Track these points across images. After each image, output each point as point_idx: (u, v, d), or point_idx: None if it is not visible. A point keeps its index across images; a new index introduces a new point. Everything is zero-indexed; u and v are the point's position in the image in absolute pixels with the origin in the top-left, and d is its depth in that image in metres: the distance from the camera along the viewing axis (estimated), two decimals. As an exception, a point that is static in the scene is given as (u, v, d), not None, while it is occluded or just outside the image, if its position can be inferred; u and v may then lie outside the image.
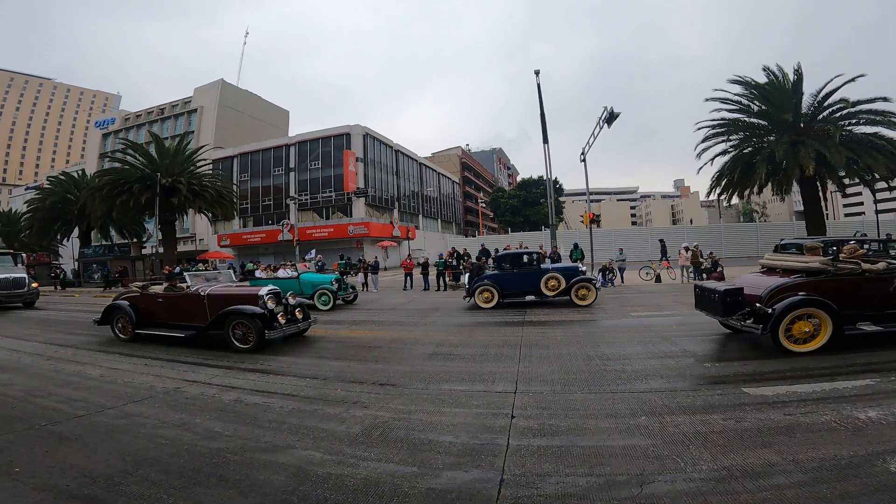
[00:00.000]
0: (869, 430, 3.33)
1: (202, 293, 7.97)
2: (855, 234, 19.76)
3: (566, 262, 15.34)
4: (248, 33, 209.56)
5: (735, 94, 21.75)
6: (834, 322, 5.58)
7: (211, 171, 36.02)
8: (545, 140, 21.25)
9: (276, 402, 4.71)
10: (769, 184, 21.72)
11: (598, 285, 12.34)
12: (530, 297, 12.41)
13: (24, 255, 25.32)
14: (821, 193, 21.92)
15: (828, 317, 5.59)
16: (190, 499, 2.81)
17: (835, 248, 7.19)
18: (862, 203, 64.39)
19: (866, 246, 9.29)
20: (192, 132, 51.30)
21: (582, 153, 21.59)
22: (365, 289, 19.32)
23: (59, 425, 4.15)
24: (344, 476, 3.02)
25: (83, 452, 3.53)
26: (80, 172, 39.78)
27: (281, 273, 14.38)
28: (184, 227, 49.05)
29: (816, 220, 21.52)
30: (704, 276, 14.62)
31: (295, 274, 14.09)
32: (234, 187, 40.13)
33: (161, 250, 29.80)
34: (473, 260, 20.67)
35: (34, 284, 17.92)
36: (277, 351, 7.31)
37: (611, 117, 19.02)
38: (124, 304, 8.64)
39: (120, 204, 26.65)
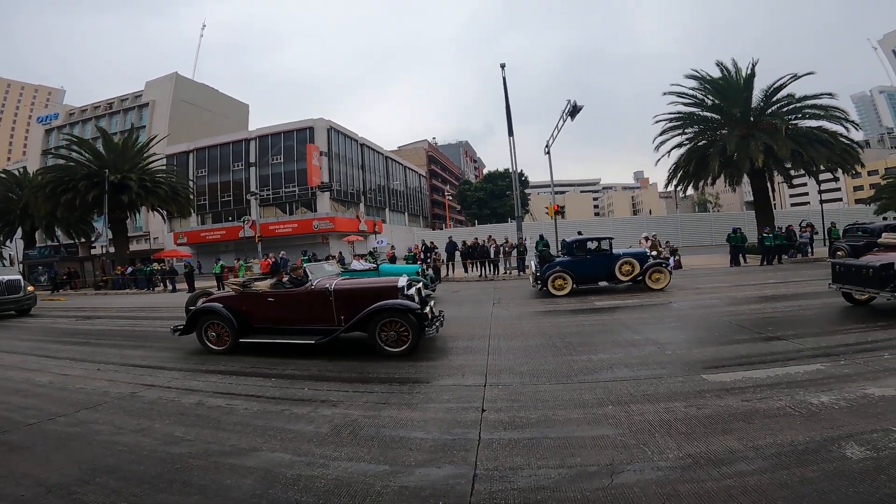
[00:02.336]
0: (822, 415, 3.49)
1: (330, 288, 6.64)
2: (801, 223, 20.94)
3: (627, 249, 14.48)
4: (204, 25, 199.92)
5: (691, 89, 22.61)
6: None
7: (165, 167, 34.46)
8: (510, 133, 21.39)
9: (241, 403, 4.55)
10: (722, 175, 22.67)
11: (671, 269, 12.26)
12: (603, 283, 12.34)
13: (9, 252, 22.82)
14: (769, 184, 23.10)
15: None
16: (151, 508, 2.68)
17: None
18: (807, 194, 68.16)
19: None
20: (144, 127, 48.84)
21: (546, 146, 21.89)
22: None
23: (9, 434, 3.92)
24: (314, 477, 2.94)
25: (36, 461, 3.36)
26: (21, 170, 37.35)
27: (357, 265, 12.78)
28: (136, 225, 46.85)
29: (765, 209, 22.67)
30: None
31: (373, 265, 12.84)
32: (191, 183, 38.53)
33: (112, 250, 28.36)
34: (443, 252, 20.69)
35: (30, 288, 15.14)
36: (238, 351, 7.07)
37: (574, 110, 19.34)
38: (219, 308, 6.91)
39: (65, 202, 25.26)
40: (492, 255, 19.67)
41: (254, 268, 28.62)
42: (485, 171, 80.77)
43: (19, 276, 15.20)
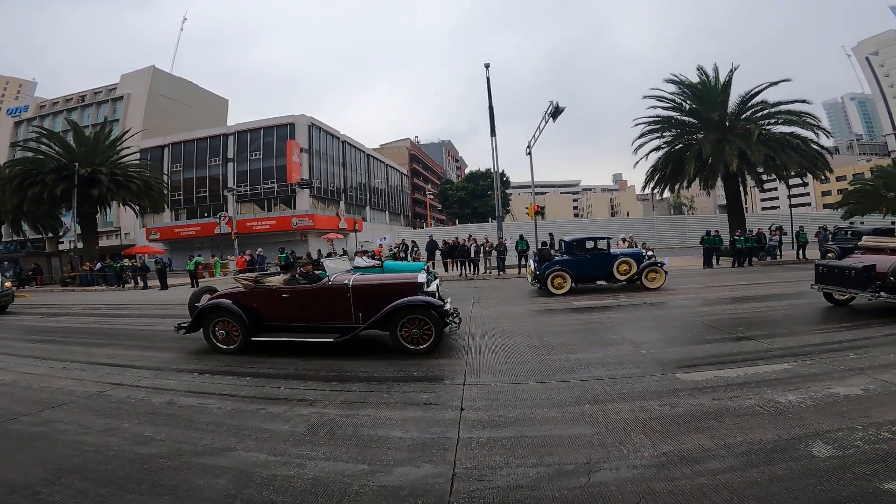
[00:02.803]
0: (790, 413, 3.59)
1: (348, 284, 6.42)
2: (771, 227, 21.60)
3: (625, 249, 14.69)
4: (185, 19, 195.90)
5: (670, 93, 23.02)
6: None
7: (138, 161, 33.49)
8: (493, 133, 21.47)
9: (214, 402, 4.45)
10: (697, 179, 23.19)
11: (665, 268, 12.52)
12: (601, 282, 12.54)
13: None
14: (742, 188, 23.72)
15: None
16: (120, 508, 2.60)
17: None
18: (777, 198, 70.28)
19: None
20: (117, 121, 47.35)
21: (528, 147, 22.06)
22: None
23: (-31, 435, 3.75)
24: (291, 477, 2.90)
25: (-1, 461, 3.21)
26: (-14, 162, 35.80)
27: (360, 261, 12.13)
28: (107, 220, 45.42)
29: (737, 213, 23.28)
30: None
31: (377, 262, 12.30)
32: (165, 178, 37.54)
33: (80, 245, 27.43)
34: (423, 251, 20.64)
35: (7, 284, 14.13)
36: (209, 349, 6.90)
37: (556, 112, 19.54)
38: (228, 304, 6.52)
39: (32, 196, 24.42)
40: (472, 255, 19.71)
41: (230, 265, 28.12)
42: (467, 171, 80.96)
43: None
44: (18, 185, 24.87)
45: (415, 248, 21.93)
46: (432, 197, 72.84)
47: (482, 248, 20.23)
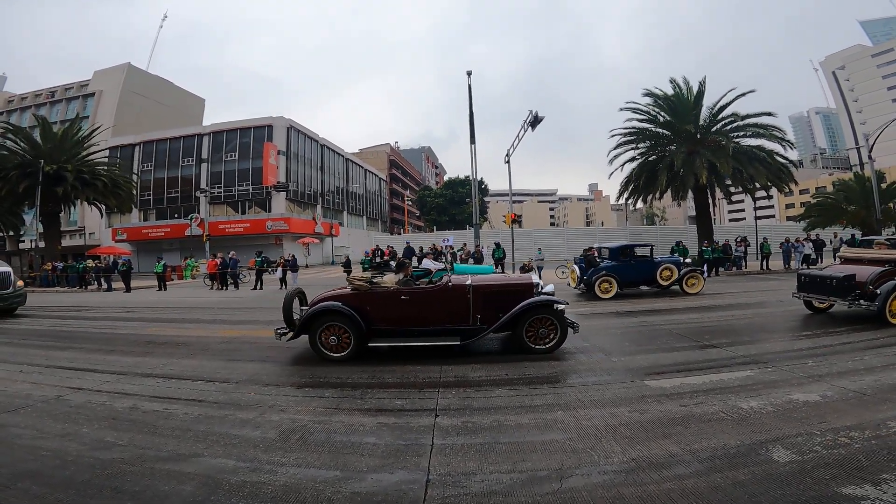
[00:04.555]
0: (752, 419, 3.70)
1: (469, 285, 6.16)
2: (737, 238, 22.36)
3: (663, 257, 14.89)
4: (166, 16, 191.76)
5: (646, 105, 23.55)
6: None
7: (107, 159, 32.44)
8: (472, 141, 21.64)
9: (180, 408, 4.32)
10: (669, 190, 23.76)
11: (704, 276, 12.91)
12: (644, 287, 12.83)
13: None
14: (710, 200, 24.46)
15: None
16: (80, 514, 2.51)
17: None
18: (743, 210, 72.81)
19: None
20: (87, 117, 45.85)
21: (507, 155, 22.30)
22: (283, 287, 18.44)
23: (-83, 441, 3.55)
24: (261, 483, 2.84)
25: (-50, 467, 3.05)
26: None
27: (428, 264, 11.35)
28: (70, 219, 43.81)
29: (706, 224, 23.98)
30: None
31: (445, 265, 11.41)
32: (134, 177, 36.46)
33: (42, 244, 26.35)
34: (404, 259, 20.53)
35: (19, 283, 12.81)
36: (176, 354, 6.70)
37: (535, 121, 19.81)
38: (342, 307, 6.04)
39: (-7, 192, 23.29)
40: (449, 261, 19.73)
41: (201, 267, 27.37)
42: (446, 178, 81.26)
43: (8, 269, 12.36)
44: (-22, 180, 23.79)
45: (393, 255, 21.80)
46: (410, 203, 72.78)
47: (459, 254, 20.30)
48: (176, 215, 41.93)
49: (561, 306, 6.19)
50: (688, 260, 13.96)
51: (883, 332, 6.75)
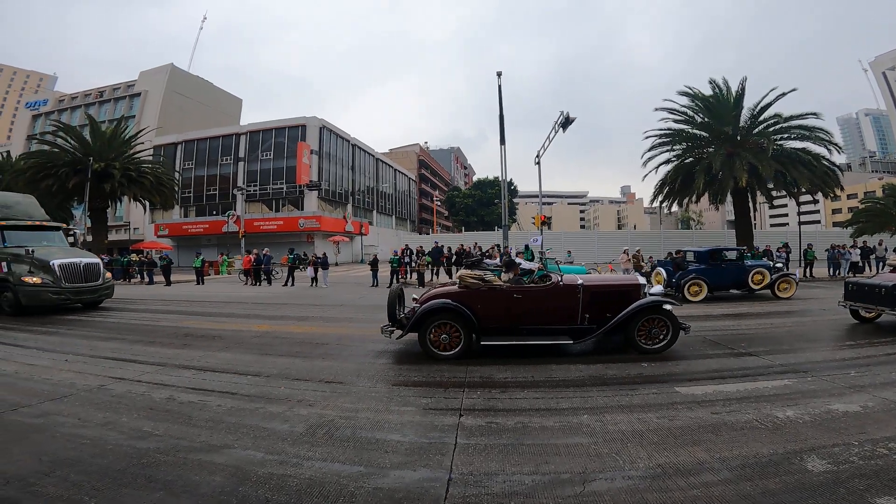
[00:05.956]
0: (787, 428, 3.57)
1: (580, 285, 6.17)
2: (779, 246, 21.40)
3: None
4: (205, 18, 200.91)
5: (682, 106, 22.87)
6: None
7: (151, 158, 33.92)
8: (502, 141, 21.48)
9: (214, 400, 4.48)
10: (706, 193, 23.03)
11: (797, 280, 12.81)
12: (734, 291, 12.79)
13: (77, 231, 19.92)
14: (751, 204, 23.53)
15: None
16: (114, 500, 2.64)
17: None
18: (787, 214, 69.68)
19: None
20: (133, 116, 48.12)
21: (537, 156, 22.06)
22: (314, 284, 18.84)
23: (-33, 426, 3.78)
24: (287, 476, 2.91)
25: (-6, 453, 3.24)
26: (5, 154, 36.61)
27: (490, 263, 11.07)
28: (116, 214, 45.95)
29: (745, 229, 23.12)
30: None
31: (532, 265, 11.54)
32: (176, 175, 37.97)
33: (89, 238, 27.76)
34: (426, 257, 20.64)
35: (107, 275, 12.87)
36: (212, 347, 6.94)
37: (566, 122, 19.50)
38: (454, 304, 6.03)
39: (45, 188, 24.76)
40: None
41: (236, 263, 28.27)
42: (475, 178, 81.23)
43: (98, 260, 12.52)
44: (32, 177, 25.34)
45: (420, 254, 21.91)
46: (439, 203, 73.03)
47: (488, 255, 20.21)
48: (214, 212, 43.42)
49: (669, 306, 6.13)
50: (779, 264, 13.57)
51: (937, 345, 6.35)
